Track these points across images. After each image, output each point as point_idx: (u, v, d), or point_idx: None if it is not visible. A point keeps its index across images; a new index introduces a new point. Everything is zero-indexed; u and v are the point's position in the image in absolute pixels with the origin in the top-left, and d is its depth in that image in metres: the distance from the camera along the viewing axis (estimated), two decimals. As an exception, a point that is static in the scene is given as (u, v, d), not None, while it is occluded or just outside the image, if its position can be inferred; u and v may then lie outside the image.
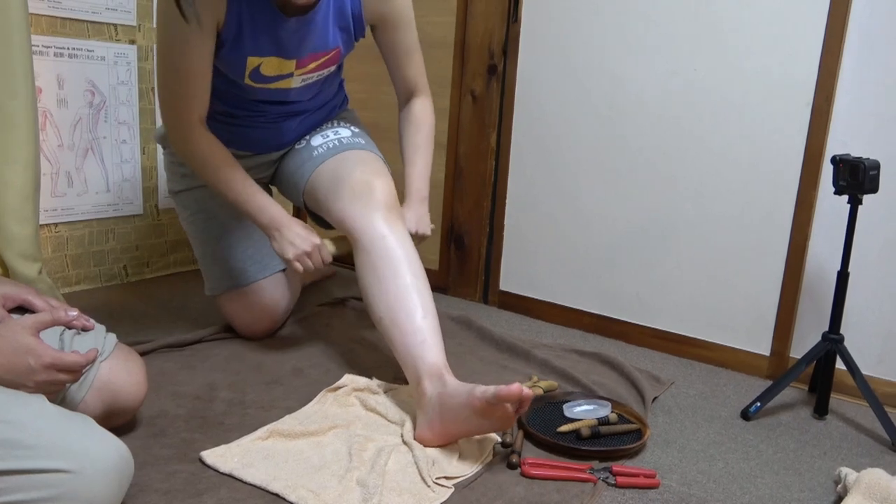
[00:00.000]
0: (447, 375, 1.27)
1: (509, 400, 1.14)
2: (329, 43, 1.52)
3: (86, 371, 1.09)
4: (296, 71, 1.53)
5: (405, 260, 1.40)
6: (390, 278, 1.38)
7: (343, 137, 1.66)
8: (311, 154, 1.65)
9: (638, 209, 1.90)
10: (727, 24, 1.72)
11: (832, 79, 1.62)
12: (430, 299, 1.39)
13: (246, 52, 1.46)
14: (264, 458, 1.18)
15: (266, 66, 1.49)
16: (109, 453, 0.90)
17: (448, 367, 1.31)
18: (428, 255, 2.28)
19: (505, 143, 2.10)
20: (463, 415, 1.19)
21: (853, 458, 1.38)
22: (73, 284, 2.01)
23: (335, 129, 1.69)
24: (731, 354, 1.81)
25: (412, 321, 1.34)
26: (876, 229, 1.61)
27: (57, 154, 1.93)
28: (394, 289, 1.37)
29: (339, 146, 1.63)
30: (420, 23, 2.18)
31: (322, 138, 1.67)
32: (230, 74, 1.51)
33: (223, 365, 1.56)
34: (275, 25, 1.43)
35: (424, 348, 1.31)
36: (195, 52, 1.40)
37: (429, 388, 1.27)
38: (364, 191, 1.48)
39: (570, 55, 1.95)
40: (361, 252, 1.44)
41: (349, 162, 1.58)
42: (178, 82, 1.43)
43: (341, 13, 1.51)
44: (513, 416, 1.17)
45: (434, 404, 1.24)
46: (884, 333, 1.64)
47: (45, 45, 1.85)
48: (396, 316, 1.35)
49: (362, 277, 1.43)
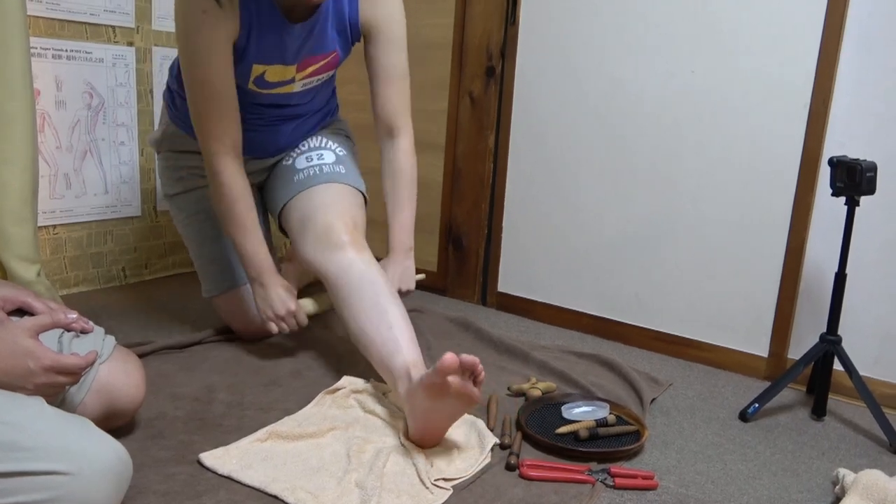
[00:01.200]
0: (413, 371, 1.28)
1: (449, 371, 1.12)
2: (327, 46, 1.54)
3: (84, 373, 1.09)
4: (297, 76, 1.54)
5: (369, 280, 1.44)
6: (357, 300, 1.43)
7: (325, 164, 1.68)
8: (292, 178, 1.67)
9: (636, 211, 1.91)
10: (725, 25, 1.73)
11: (829, 80, 1.62)
12: (399, 309, 1.41)
13: (252, 59, 1.48)
14: (263, 460, 1.18)
15: (270, 73, 1.51)
16: (108, 455, 0.90)
17: (420, 364, 1.32)
18: (426, 256, 2.29)
19: (503, 144, 2.10)
20: (426, 404, 1.19)
21: (851, 459, 1.39)
22: (71, 286, 2.01)
23: (320, 152, 1.71)
24: (729, 356, 1.81)
25: (381, 333, 1.37)
26: (873, 231, 1.62)
27: (55, 156, 1.93)
28: (362, 309, 1.41)
29: (318, 175, 1.65)
30: (419, 25, 2.20)
31: (306, 161, 1.69)
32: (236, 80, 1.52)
33: (222, 367, 1.56)
34: (281, 33, 1.45)
35: (395, 355, 1.33)
36: (217, 66, 1.42)
37: (401, 389, 1.29)
38: (326, 234, 1.52)
39: (569, 56, 1.96)
40: (331, 288, 1.50)
41: (318, 200, 1.60)
42: (203, 100, 1.45)
43: (339, 17, 1.52)
44: (468, 388, 1.15)
45: (406, 403, 1.26)
46: (881, 334, 1.64)
47: (44, 47, 1.85)
48: (368, 333, 1.39)
49: (337, 307, 1.49)
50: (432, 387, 1.16)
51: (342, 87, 1.92)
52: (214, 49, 1.40)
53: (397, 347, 1.34)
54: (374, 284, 1.44)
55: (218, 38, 1.40)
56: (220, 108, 1.46)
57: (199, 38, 1.40)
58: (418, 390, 1.20)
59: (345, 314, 1.46)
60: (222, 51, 1.42)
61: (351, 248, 1.49)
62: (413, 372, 1.28)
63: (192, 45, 1.41)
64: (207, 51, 1.40)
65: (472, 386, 1.16)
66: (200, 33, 1.39)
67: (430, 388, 1.16)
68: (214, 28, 1.39)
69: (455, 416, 1.24)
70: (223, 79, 1.44)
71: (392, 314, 1.39)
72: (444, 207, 2.23)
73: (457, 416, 1.24)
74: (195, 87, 1.45)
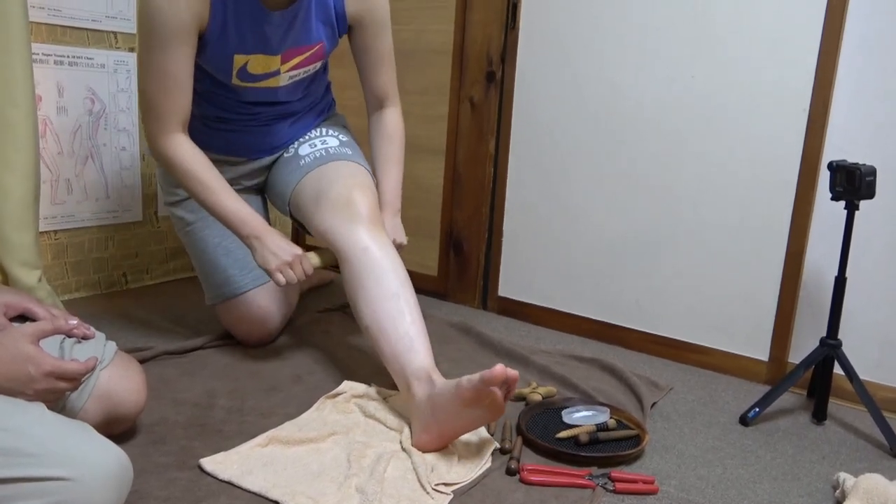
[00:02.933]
0: (435, 376, 1.28)
1: (495, 382, 1.14)
2: (312, 37, 1.53)
3: (85, 379, 1.09)
4: (282, 67, 1.54)
5: (389, 268, 1.42)
6: (374, 287, 1.40)
7: (330, 147, 1.66)
8: (298, 164, 1.65)
9: (636, 215, 1.91)
10: (724, 30, 1.73)
11: (828, 85, 1.62)
12: (416, 305, 1.40)
13: (231, 49, 1.46)
14: (263, 465, 1.18)
15: (253, 63, 1.50)
16: (109, 461, 0.90)
17: (436, 368, 1.32)
18: (427, 261, 2.29)
19: (503, 149, 2.11)
20: (454, 410, 1.20)
21: (851, 464, 1.39)
22: (72, 291, 2.02)
23: (323, 139, 1.70)
24: (729, 360, 1.81)
25: (397, 328, 1.35)
26: (873, 235, 1.62)
27: (57, 161, 1.94)
28: (379, 297, 1.38)
29: (325, 156, 1.64)
30: (419, 31, 2.21)
31: (310, 147, 1.67)
32: (217, 75, 1.51)
33: (222, 372, 1.57)
34: (259, 20, 1.44)
35: (412, 353, 1.32)
36: (176, 52, 1.39)
37: (419, 392, 1.28)
38: (344, 205, 1.49)
39: (568, 62, 1.96)
40: (345, 263, 1.46)
41: (332, 175, 1.58)
42: (156, 84, 1.41)
43: (324, 7, 1.52)
44: (502, 401, 1.17)
45: (426, 406, 1.25)
46: (881, 338, 1.64)
47: (46, 53, 1.86)
48: (382, 324, 1.37)
49: (348, 288, 1.45)
50: (473, 393, 1.16)
51: (342, 93, 1.93)
52: (175, 33, 1.36)
53: (414, 346, 1.33)
54: (394, 272, 1.41)
55: (181, 22, 1.35)
56: (171, 93, 1.41)
57: (159, 21, 1.35)
58: (451, 395, 1.20)
59: (358, 297, 1.41)
60: (184, 37, 1.37)
61: (370, 226, 1.46)
62: (435, 376, 1.28)
63: (152, 27, 1.36)
64: (168, 34, 1.36)
65: (504, 400, 1.18)
66: (162, 15, 1.34)
67: (470, 394, 1.17)
68: (179, 11, 1.34)
69: (477, 425, 1.25)
70: (179, 65, 1.40)
71: (411, 310, 1.38)
72: (444, 212, 2.24)
73: (479, 425, 1.25)
74: (148, 69, 1.41)
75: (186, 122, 1.47)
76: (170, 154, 1.45)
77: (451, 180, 2.21)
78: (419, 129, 2.23)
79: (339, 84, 1.97)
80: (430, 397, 1.25)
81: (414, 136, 2.23)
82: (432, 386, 1.26)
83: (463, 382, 1.18)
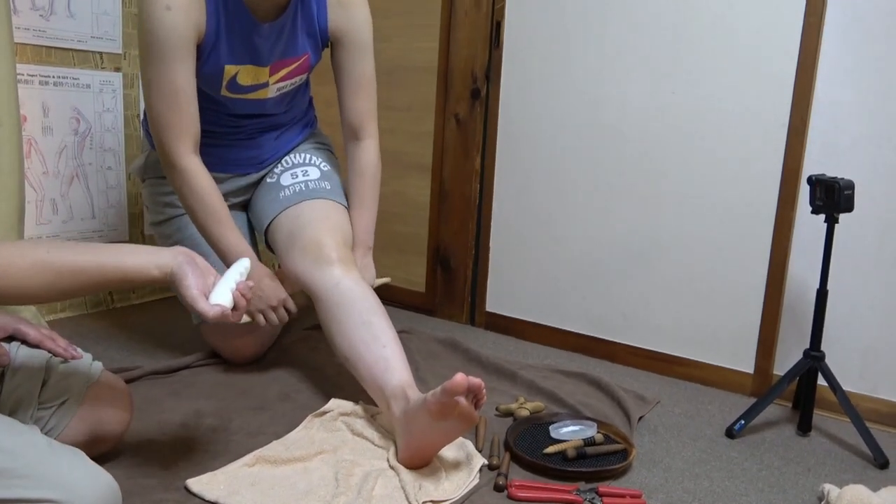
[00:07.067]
0: (410, 392, 1.29)
1: (458, 392, 1.14)
2: (298, 49, 1.56)
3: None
4: (270, 79, 1.56)
5: (359, 298, 1.44)
6: (346, 319, 1.42)
7: (310, 180, 1.69)
8: (278, 195, 1.68)
9: (621, 230, 1.92)
10: (704, 45, 1.76)
11: (807, 100, 1.65)
12: (390, 329, 1.41)
13: (223, 60, 1.48)
14: (251, 485, 1.18)
15: (242, 74, 1.52)
16: (98, 485, 0.91)
17: (413, 384, 1.32)
18: (414, 277, 2.29)
19: (489, 165, 2.12)
20: (426, 424, 1.20)
21: (836, 475, 1.40)
22: (58, 311, 2.00)
23: (305, 168, 1.72)
24: (715, 372, 1.82)
25: (372, 352, 1.37)
26: (853, 247, 1.64)
27: (42, 181, 1.93)
28: (351, 328, 1.41)
29: (304, 191, 1.66)
30: (405, 48, 2.22)
31: (291, 178, 1.70)
32: (206, 87, 1.52)
33: (209, 391, 1.56)
34: (250, 31, 1.46)
35: (388, 373, 1.33)
36: (179, 65, 1.40)
37: (396, 410, 1.29)
38: (315, 248, 1.53)
39: (552, 79, 1.98)
40: (318, 302, 1.49)
41: (306, 216, 1.61)
42: (164, 99, 1.42)
43: (309, 21, 1.54)
44: (471, 410, 1.16)
45: (402, 423, 1.26)
46: (863, 349, 1.66)
47: (31, 73, 1.86)
48: (358, 350, 1.39)
49: (323, 324, 1.48)
50: (438, 406, 1.16)
51: (328, 109, 1.94)
52: (178, 46, 1.38)
53: (390, 367, 1.34)
54: (364, 301, 1.44)
55: (182, 35, 1.38)
56: (182, 106, 1.43)
57: (162, 35, 1.37)
58: (420, 410, 1.20)
59: (332, 330, 1.45)
60: (186, 49, 1.40)
61: (339, 265, 1.49)
62: (409, 392, 1.28)
63: (155, 42, 1.38)
64: (171, 48, 1.38)
65: (473, 408, 1.17)
66: (164, 29, 1.37)
67: (436, 407, 1.17)
68: (178, 25, 1.37)
69: (452, 437, 1.25)
70: (186, 77, 1.42)
71: (384, 333, 1.39)
72: (431, 228, 2.25)
73: (454, 437, 1.25)
74: (156, 86, 1.42)
75: (198, 139, 1.48)
76: (185, 174, 1.47)
77: (437, 196, 2.23)
78: (406, 145, 2.25)
79: (323, 101, 1.99)
80: (404, 413, 1.26)
81: (401, 153, 2.24)
82: (407, 402, 1.27)
83: (429, 396, 1.19)
